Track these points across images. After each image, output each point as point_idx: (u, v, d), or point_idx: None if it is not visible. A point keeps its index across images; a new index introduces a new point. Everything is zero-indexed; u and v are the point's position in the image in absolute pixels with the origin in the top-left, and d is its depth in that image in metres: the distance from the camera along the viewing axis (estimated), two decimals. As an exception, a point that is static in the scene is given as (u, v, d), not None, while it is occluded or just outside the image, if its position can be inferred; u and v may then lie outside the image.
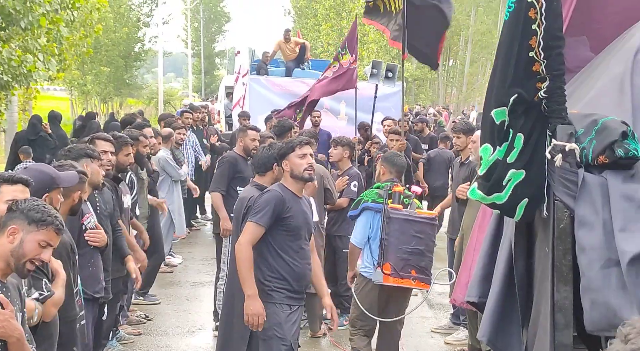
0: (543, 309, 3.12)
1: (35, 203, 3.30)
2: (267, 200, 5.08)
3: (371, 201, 6.15)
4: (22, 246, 3.21)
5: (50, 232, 3.26)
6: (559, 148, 3.02)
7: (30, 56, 11.61)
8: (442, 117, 27.00)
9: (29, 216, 3.24)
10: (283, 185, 5.26)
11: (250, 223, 5.06)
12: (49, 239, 3.27)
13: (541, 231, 3.21)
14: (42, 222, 3.24)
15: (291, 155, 5.21)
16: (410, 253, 5.93)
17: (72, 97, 35.07)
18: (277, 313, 5.11)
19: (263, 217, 5.03)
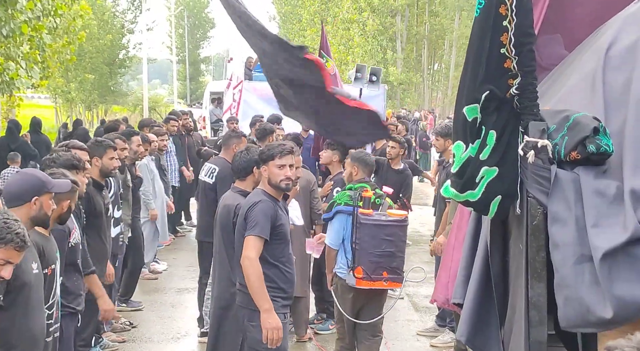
0: (518, 306, 3.12)
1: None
2: (263, 212, 4.99)
3: (343, 204, 6.23)
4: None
5: (9, 250, 3.20)
6: (532, 145, 3.02)
7: (12, 64, 11.57)
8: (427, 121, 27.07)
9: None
10: (265, 191, 5.19)
11: (253, 237, 4.96)
12: (8, 257, 3.20)
13: (515, 228, 3.21)
14: (1, 240, 3.17)
15: (270, 163, 5.12)
16: (381, 256, 6.05)
17: (57, 105, 34.92)
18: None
19: (264, 229, 4.96)
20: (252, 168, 5.85)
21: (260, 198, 5.11)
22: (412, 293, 10.03)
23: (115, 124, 10.78)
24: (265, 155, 5.16)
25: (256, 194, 5.21)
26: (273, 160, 5.11)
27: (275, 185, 5.13)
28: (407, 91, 42.97)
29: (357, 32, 33.97)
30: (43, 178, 4.29)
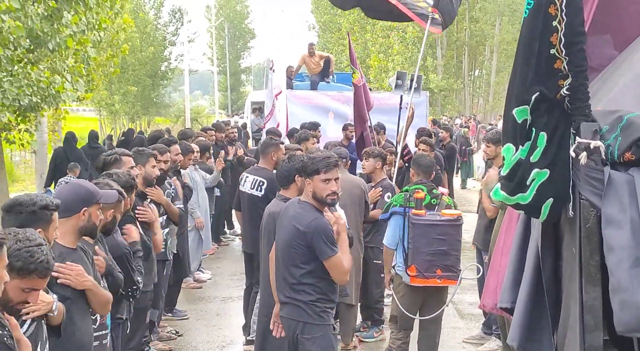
0: (572, 311, 3.06)
1: (17, 247, 3.15)
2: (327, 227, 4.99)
3: (398, 205, 6.61)
4: (6, 292, 3.09)
5: (33, 280, 3.17)
6: (584, 146, 2.96)
7: (58, 77, 11.74)
8: (469, 128, 26.86)
9: (11, 263, 3.09)
10: (310, 203, 5.10)
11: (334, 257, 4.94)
12: (33, 285, 3.18)
13: (568, 231, 3.14)
14: (24, 270, 3.14)
15: (315, 177, 5.03)
16: (434, 255, 6.37)
17: (101, 117, 35.45)
18: (329, 337, 5.06)
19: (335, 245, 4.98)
20: (294, 176, 5.86)
21: (315, 215, 5.04)
22: (457, 301, 9.93)
23: (159, 134, 10.89)
24: (310, 169, 5.04)
25: (307, 209, 5.09)
26: (318, 175, 5.02)
27: (320, 199, 5.06)
28: (447, 98, 42.70)
29: (396, 40, 33.86)
30: (92, 189, 4.35)
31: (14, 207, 3.57)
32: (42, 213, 3.56)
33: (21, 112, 11.55)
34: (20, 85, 10.71)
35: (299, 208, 5.13)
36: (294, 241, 5.01)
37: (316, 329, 5.00)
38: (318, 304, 5.02)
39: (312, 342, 4.98)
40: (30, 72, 10.98)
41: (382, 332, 8.35)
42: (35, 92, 11.12)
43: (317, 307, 5.02)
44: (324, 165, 5.01)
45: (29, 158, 25.59)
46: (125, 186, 5.21)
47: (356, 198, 7.68)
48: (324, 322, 5.03)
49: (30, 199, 3.59)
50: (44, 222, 3.54)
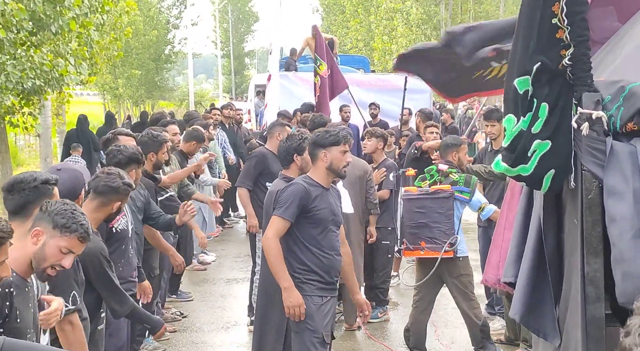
0: (574, 283, 3.04)
1: (64, 208, 3.25)
2: (292, 193, 5.04)
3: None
4: (43, 250, 3.18)
5: (73, 240, 3.23)
6: (586, 117, 2.93)
7: (61, 60, 11.72)
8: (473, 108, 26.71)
9: (55, 220, 3.20)
10: (309, 177, 5.20)
11: (275, 217, 5.04)
12: (71, 246, 3.23)
13: (569, 203, 3.12)
14: (66, 228, 3.20)
15: (334, 148, 5.12)
16: (416, 227, 6.68)
17: (105, 101, 35.44)
18: (308, 305, 5.08)
19: (287, 210, 5.01)
20: (292, 155, 5.87)
21: (297, 181, 5.15)
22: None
23: (161, 115, 10.88)
24: (329, 141, 5.12)
25: (298, 179, 5.24)
26: (338, 146, 5.12)
27: (337, 171, 5.15)
28: (452, 80, 42.50)
29: (400, 22, 33.70)
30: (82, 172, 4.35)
31: (15, 185, 3.55)
32: (44, 187, 3.57)
33: (25, 95, 11.53)
34: (24, 68, 10.69)
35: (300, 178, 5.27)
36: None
37: None
38: (296, 275, 5.09)
39: None
40: (33, 55, 10.95)
41: (386, 313, 8.37)
42: (38, 75, 11.11)
43: (296, 278, 5.09)
44: (343, 137, 5.18)
45: (33, 142, 25.61)
46: (131, 158, 5.25)
47: (357, 180, 7.66)
48: (303, 293, 5.08)
49: (30, 175, 3.59)
50: (47, 197, 3.54)
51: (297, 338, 5.14)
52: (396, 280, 9.65)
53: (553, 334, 3.26)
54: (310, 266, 5.11)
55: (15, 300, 3.07)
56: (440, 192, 6.62)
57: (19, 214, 3.46)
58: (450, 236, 6.58)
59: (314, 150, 5.20)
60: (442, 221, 6.58)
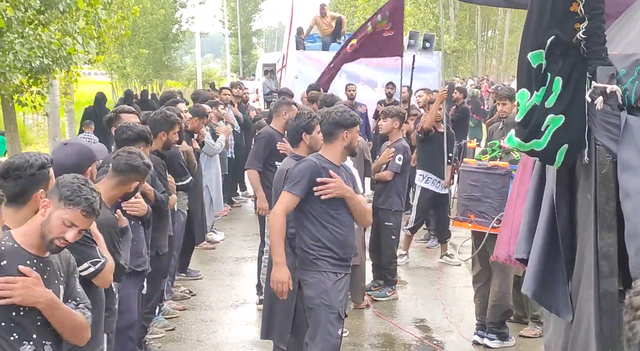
0: (587, 258, 3.03)
1: (72, 181, 3.22)
2: (301, 170, 5.07)
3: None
4: (49, 221, 3.15)
5: (75, 213, 3.17)
6: (600, 91, 2.89)
7: (69, 39, 11.69)
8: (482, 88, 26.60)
9: (61, 192, 3.18)
10: (321, 155, 5.23)
11: (285, 192, 5.06)
12: (74, 219, 3.18)
13: (583, 178, 3.10)
14: (70, 200, 3.16)
15: (354, 129, 5.23)
16: (468, 199, 6.72)
17: (113, 81, 35.38)
18: (324, 281, 5.10)
19: (296, 186, 5.03)
20: (301, 134, 5.85)
21: (308, 159, 5.19)
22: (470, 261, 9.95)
23: (170, 95, 10.86)
24: (350, 122, 5.22)
25: (311, 157, 5.25)
26: (356, 126, 5.25)
27: (352, 149, 5.28)
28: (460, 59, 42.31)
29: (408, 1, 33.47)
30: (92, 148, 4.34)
31: (10, 172, 3.43)
32: (41, 173, 3.48)
33: (33, 74, 11.52)
34: (32, 47, 10.67)
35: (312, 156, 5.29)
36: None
37: (310, 274, 5.12)
38: (310, 251, 5.12)
39: (308, 287, 5.14)
40: (41, 33, 10.93)
41: (394, 292, 8.38)
42: (46, 54, 11.09)
43: (309, 254, 5.12)
44: (357, 117, 5.38)
45: (41, 121, 25.62)
46: (140, 135, 5.25)
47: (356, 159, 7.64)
48: (318, 269, 5.11)
49: (26, 161, 3.46)
50: (44, 181, 3.51)
51: (312, 314, 5.14)
52: (404, 259, 9.67)
53: (566, 310, 3.25)
54: (325, 242, 5.12)
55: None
56: (498, 168, 6.58)
57: (16, 202, 3.39)
58: (500, 213, 6.46)
59: (334, 130, 5.18)
60: (494, 197, 6.57)
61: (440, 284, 8.88)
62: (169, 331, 7.25)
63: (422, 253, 10.46)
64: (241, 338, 7.19)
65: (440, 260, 9.83)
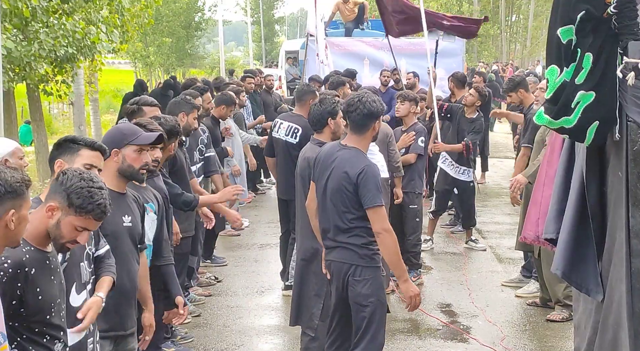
0: (618, 236, 2.98)
1: (80, 185, 3.16)
2: (375, 177, 4.93)
3: None
4: (59, 227, 3.14)
5: (88, 220, 3.18)
6: (632, 66, 2.84)
7: (93, 28, 11.76)
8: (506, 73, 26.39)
9: (70, 199, 3.14)
10: (358, 149, 5.05)
11: (378, 207, 4.88)
12: (86, 225, 3.19)
13: (614, 155, 3.05)
14: (82, 208, 3.15)
15: (381, 118, 5.17)
16: None
17: (136, 70, 35.53)
18: (380, 279, 5.05)
19: (380, 197, 4.94)
20: (327, 119, 5.81)
21: (367, 161, 5.02)
22: (495, 245, 9.91)
23: (191, 82, 10.87)
24: (382, 109, 5.13)
25: (358, 154, 5.04)
26: (381, 116, 5.15)
27: (376, 137, 5.23)
28: (484, 44, 41.94)
29: (431, -14, 33.29)
30: (125, 131, 4.32)
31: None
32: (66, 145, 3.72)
33: (57, 63, 11.59)
34: (56, 36, 10.74)
35: (348, 153, 5.05)
36: (345, 187, 4.96)
37: (367, 271, 4.97)
38: (370, 247, 5.00)
39: (363, 284, 4.95)
40: (66, 22, 10.99)
41: (420, 276, 8.35)
42: (71, 43, 11.15)
43: (369, 250, 5.00)
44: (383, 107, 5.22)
45: (66, 111, 25.80)
46: (172, 131, 5.20)
47: (380, 144, 7.60)
48: (375, 264, 5.01)
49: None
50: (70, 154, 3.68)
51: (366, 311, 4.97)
52: (429, 244, 9.64)
53: (596, 289, 3.20)
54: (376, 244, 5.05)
55: (35, 277, 3.05)
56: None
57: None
58: None
59: (368, 121, 5.02)
60: None
61: (466, 269, 8.84)
62: (195, 317, 7.28)
63: (447, 238, 10.42)
64: (267, 323, 7.21)
65: (465, 245, 9.78)
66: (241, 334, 6.90)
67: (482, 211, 11.65)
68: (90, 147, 3.73)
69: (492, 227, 10.94)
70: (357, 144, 5.06)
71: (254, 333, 6.93)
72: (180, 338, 6.61)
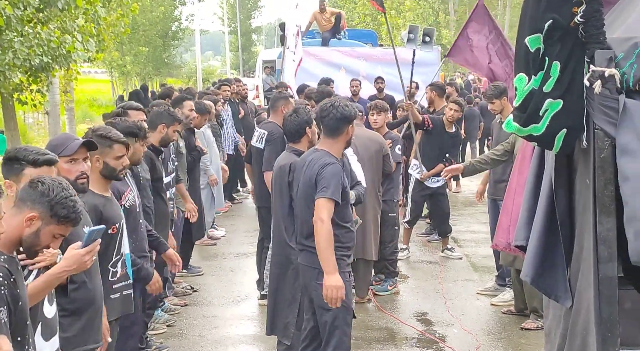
0: (586, 243, 3.01)
1: (63, 195, 3.18)
2: (334, 174, 4.94)
3: None
4: (37, 236, 3.14)
5: (66, 228, 3.23)
6: (598, 75, 2.88)
7: (69, 37, 11.71)
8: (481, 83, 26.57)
9: (54, 209, 3.15)
10: (328, 151, 5.10)
11: (324, 199, 4.90)
12: (64, 233, 3.24)
13: (581, 163, 3.08)
14: (66, 218, 3.18)
15: (354, 122, 5.22)
16: None
17: (113, 79, 35.36)
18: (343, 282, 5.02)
19: (335, 192, 4.92)
20: (305, 129, 5.82)
21: (331, 160, 5.04)
22: (470, 254, 9.96)
23: (169, 91, 10.85)
24: (354, 114, 5.19)
25: (324, 155, 5.08)
26: (355, 119, 5.22)
27: (350, 142, 5.23)
28: (461, 54, 42.20)
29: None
30: (54, 144, 4.25)
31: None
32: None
33: (32, 72, 11.53)
34: (31, 45, 10.68)
35: (317, 155, 5.13)
36: (309, 188, 5.04)
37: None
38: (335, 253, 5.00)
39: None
40: (41, 31, 10.94)
41: (396, 285, 8.37)
42: (46, 52, 11.10)
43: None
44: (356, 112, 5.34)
45: (42, 120, 25.62)
46: (125, 131, 5.10)
47: (374, 153, 7.65)
48: (338, 269, 5.01)
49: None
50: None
51: (329, 315, 5.02)
52: (405, 253, 9.67)
53: (565, 296, 3.23)
54: (342, 241, 5.06)
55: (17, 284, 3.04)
56: None
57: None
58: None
59: (341, 124, 5.07)
60: None
61: (442, 278, 8.87)
62: (170, 327, 7.24)
63: (424, 247, 10.46)
64: (243, 333, 7.18)
65: (441, 253, 9.82)
66: (217, 344, 6.87)
67: (458, 220, 11.72)
68: (34, 164, 3.64)
69: (468, 236, 11.00)
70: (329, 148, 5.11)
71: (229, 343, 6.91)
72: (155, 348, 6.57)
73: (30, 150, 3.72)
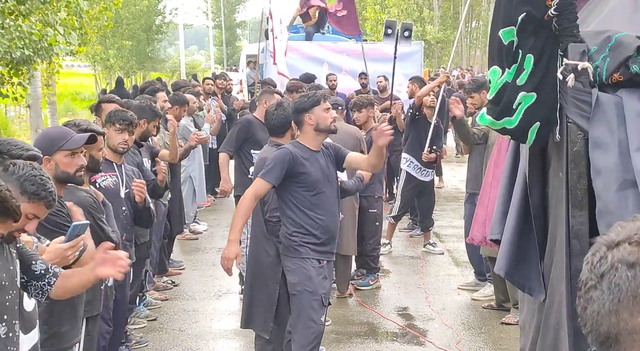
0: (559, 237, 3.02)
1: (32, 173, 3.18)
2: (275, 158, 5.08)
3: None
4: None
5: (40, 206, 3.18)
6: (571, 68, 2.88)
7: (50, 30, 11.62)
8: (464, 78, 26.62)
9: (23, 186, 3.14)
10: (297, 141, 5.25)
11: (258, 178, 5.07)
12: (37, 212, 3.19)
13: (555, 156, 3.08)
14: (36, 195, 3.15)
15: (316, 108, 5.19)
16: None
17: (96, 73, 35.15)
18: (306, 268, 5.12)
19: (269, 173, 5.02)
20: (290, 123, 5.80)
21: (284, 146, 5.20)
22: (452, 249, 9.98)
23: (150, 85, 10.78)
24: (309, 103, 5.20)
25: (285, 145, 5.28)
26: (319, 105, 5.20)
27: (325, 128, 5.22)
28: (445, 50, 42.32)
29: (393, -10, 33.51)
30: (54, 137, 4.21)
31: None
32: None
33: (14, 65, 11.44)
34: (12, 37, 10.60)
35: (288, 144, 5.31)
36: None
37: (293, 261, 5.16)
38: (291, 238, 5.14)
39: (291, 274, 5.19)
40: (22, 24, 10.85)
41: (377, 280, 8.38)
42: (27, 45, 11.01)
43: (292, 241, 5.14)
44: (322, 95, 5.31)
45: (23, 113, 25.42)
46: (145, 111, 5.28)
47: (350, 148, 7.63)
48: (300, 255, 5.14)
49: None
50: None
51: (295, 300, 5.17)
52: (388, 248, 9.67)
53: (538, 289, 3.24)
54: (307, 228, 5.13)
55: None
56: None
57: None
58: None
59: (298, 117, 5.24)
60: None
61: (423, 273, 8.89)
62: (150, 321, 7.21)
63: (406, 242, 10.47)
64: (224, 327, 7.16)
65: (423, 248, 9.84)
66: (197, 338, 6.85)
67: (440, 215, 11.73)
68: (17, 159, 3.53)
69: (449, 231, 11.02)
70: (301, 140, 5.28)
71: (210, 337, 6.89)
72: (135, 343, 6.55)
73: (14, 144, 3.65)
